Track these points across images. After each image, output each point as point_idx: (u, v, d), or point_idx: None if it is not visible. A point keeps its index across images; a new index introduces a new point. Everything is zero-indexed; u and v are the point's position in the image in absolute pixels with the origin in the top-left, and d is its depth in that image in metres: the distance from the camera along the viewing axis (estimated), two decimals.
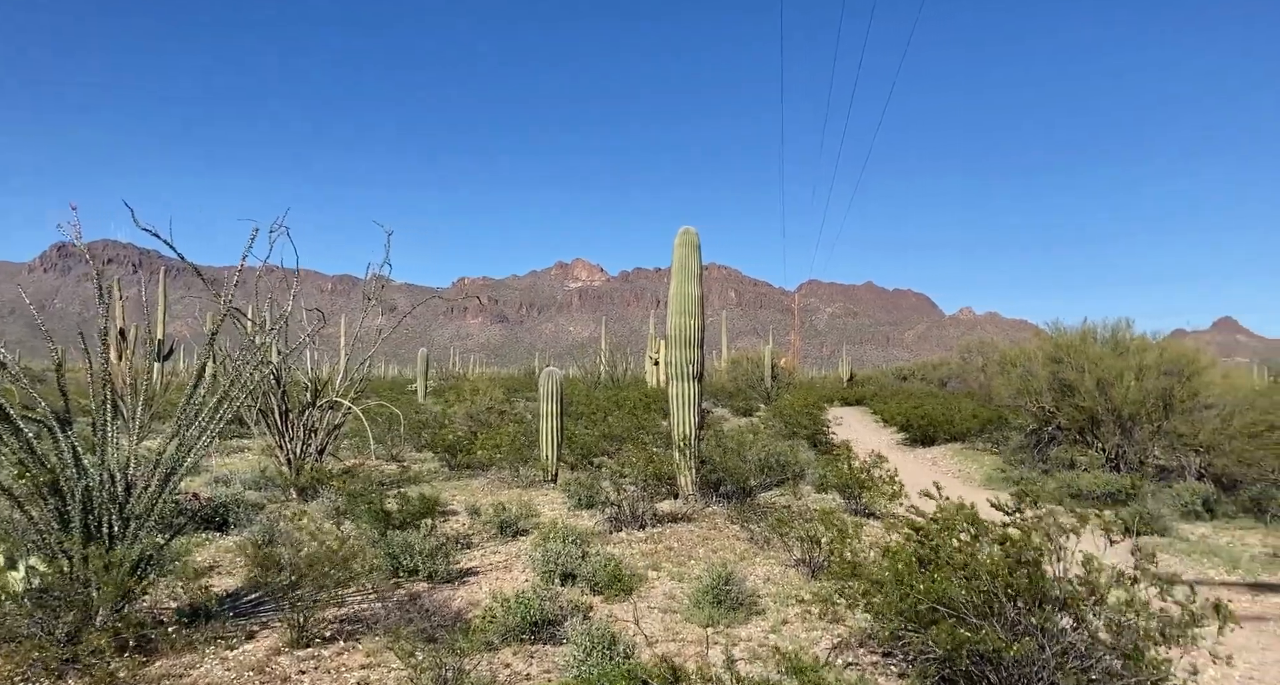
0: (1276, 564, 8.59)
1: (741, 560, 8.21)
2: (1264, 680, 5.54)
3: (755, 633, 6.14)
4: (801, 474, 11.72)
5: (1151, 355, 14.89)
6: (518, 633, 5.73)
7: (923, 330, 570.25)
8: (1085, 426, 14.62)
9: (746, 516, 9.50)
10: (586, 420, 18.45)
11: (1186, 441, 13.34)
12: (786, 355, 55.25)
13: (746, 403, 32.67)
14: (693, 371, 11.24)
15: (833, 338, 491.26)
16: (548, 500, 11.52)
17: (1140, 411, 13.98)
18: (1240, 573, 8.32)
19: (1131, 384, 14.22)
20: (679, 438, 11.01)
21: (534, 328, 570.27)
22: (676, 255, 11.57)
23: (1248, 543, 9.67)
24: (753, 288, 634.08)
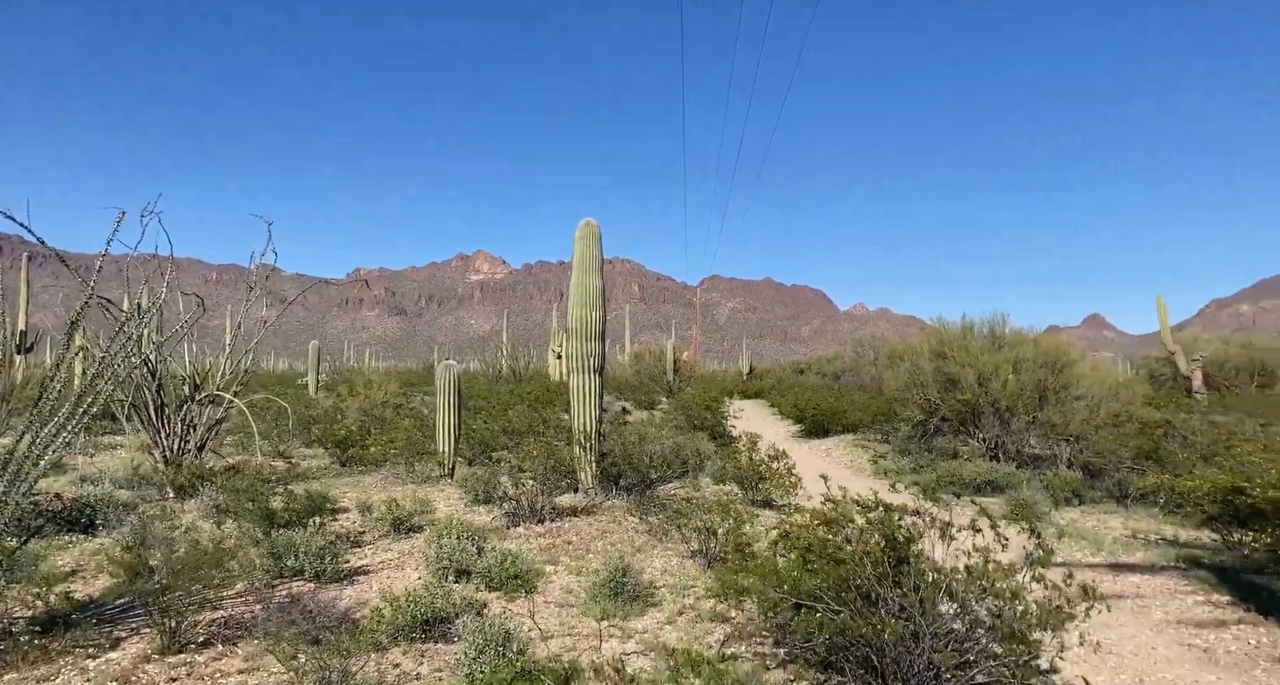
0: (1134, 545, 9.14)
1: (640, 552, 8.20)
2: (1121, 653, 5.88)
3: (651, 625, 6.13)
4: (701, 466, 11.82)
5: (1027, 349, 15.69)
6: (408, 632, 5.55)
7: (819, 325, 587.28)
8: (967, 418, 15.29)
9: (646, 509, 9.52)
10: (486, 415, 18.15)
11: (1059, 431, 14.10)
12: (688, 349, 55.91)
13: (649, 396, 32.84)
14: (594, 364, 11.18)
15: (733, 332, 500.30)
16: (444, 496, 11.26)
17: (1017, 403, 14.69)
18: (1104, 554, 8.82)
19: (1009, 377, 14.94)
20: (580, 431, 10.93)
21: (433, 321, 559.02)
22: (577, 247, 11.47)
23: (1110, 526, 10.26)
24: (655, 282, 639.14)
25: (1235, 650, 5.96)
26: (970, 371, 15.12)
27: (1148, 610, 6.93)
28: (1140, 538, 9.45)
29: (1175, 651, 6.00)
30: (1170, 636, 6.31)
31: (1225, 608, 6.82)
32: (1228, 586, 7.29)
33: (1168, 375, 32.12)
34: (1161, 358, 33.33)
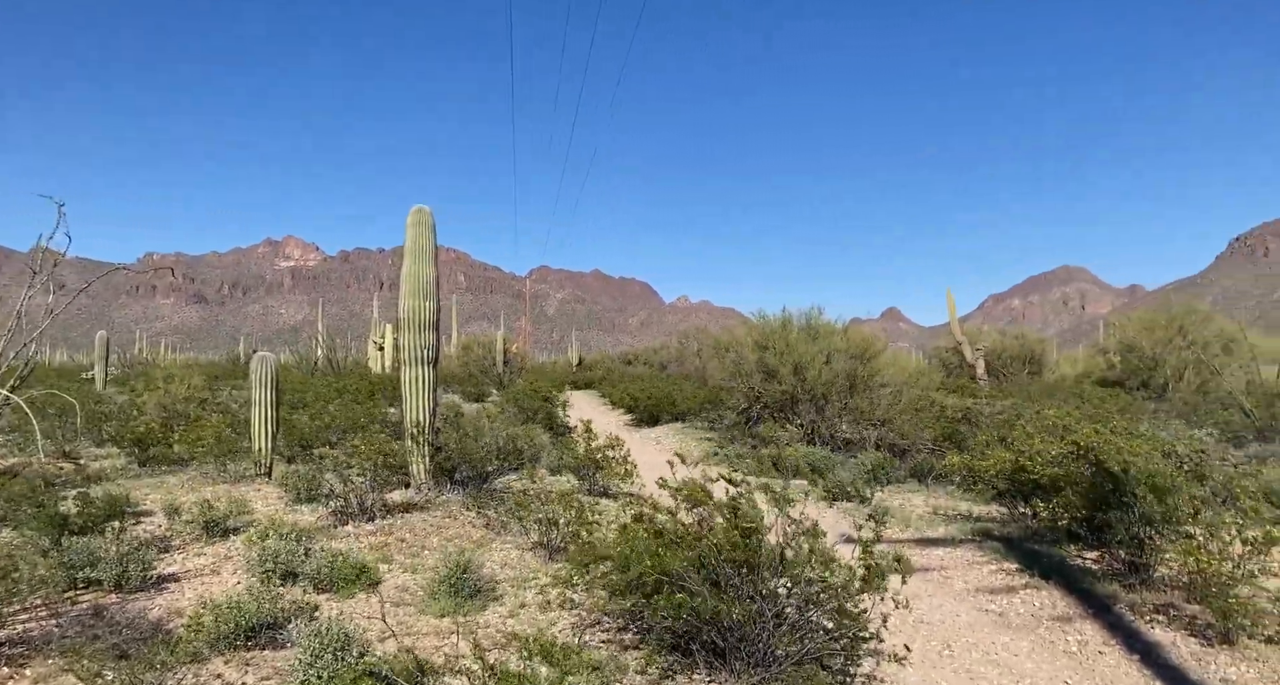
0: (936, 521, 10.00)
1: (479, 547, 8.07)
2: (931, 622, 6.43)
3: (494, 619, 6.06)
4: (538, 457, 11.76)
5: (839, 341, 16.79)
6: (231, 640, 5.17)
7: (645, 317, 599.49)
8: (786, 405, 16.15)
9: (483, 502, 9.35)
10: (306, 409, 17.18)
11: (867, 417, 15.17)
12: (518, 340, 55.43)
13: (478, 388, 32.30)
14: (428, 356, 10.84)
15: (562, 323, 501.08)
16: (262, 496, 10.56)
17: (830, 391, 15.68)
18: (911, 531, 9.59)
19: (823, 366, 15.92)
20: (412, 424, 10.57)
21: (239, 310, 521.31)
22: (409, 235, 11.07)
23: (914, 504, 11.16)
24: (483, 272, 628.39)
25: (1024, 613, 6.67)
26: (789, 361, 15.96)
27: (951, 581, 7.61)
28: (941, 514, 10.35)
29: (975, 617, 6.63)
30: (970, 604, 6.96)
31: (1014, 575, 7.60)
32: (1015, 555, 8.14)
33: (955, 364, 35.21)
34: (950, 348, 36.47)
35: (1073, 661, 5.64)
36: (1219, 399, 18.92)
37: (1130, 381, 26.38)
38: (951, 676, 5.41)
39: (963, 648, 5.93)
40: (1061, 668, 5.52)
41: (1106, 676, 5.35)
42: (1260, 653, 5.40)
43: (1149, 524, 6.54)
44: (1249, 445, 13.63)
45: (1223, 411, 16.08)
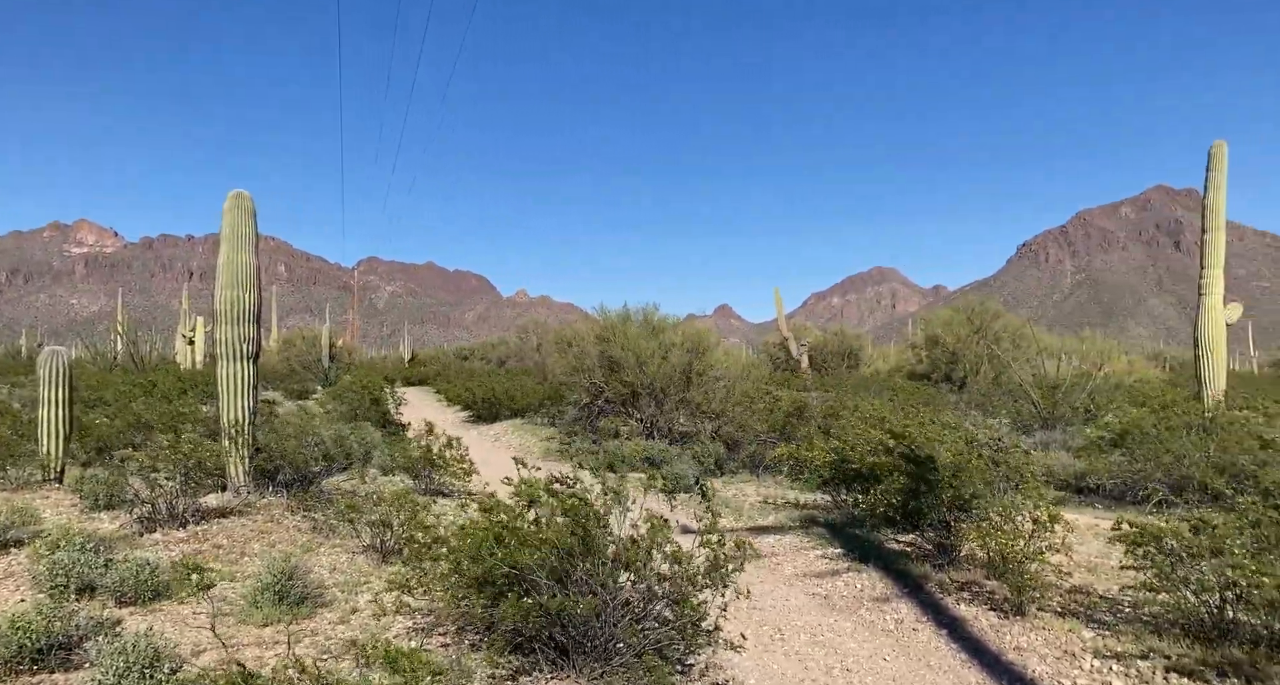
0: (767, 510, 10.45)
1: (305, 551, 7.64)
2: (763, 607, 6.71)
3: (324, 626, 5.76)
4: (369, 457, 11.29)
5: (676, 335, 17.20)
6: (14, 664, 4.62)
7: (482, 311, 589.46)
8: (628, 399, 16.37)
9: (309, 505, 8.87)
10: (104, 408, 15.65)
11: (703, 409, 15.62)
12: (345, 334, 53.05)
13: (302, 385, 30.62)
14: (247, 351, 10.12)
15: (394, 317, 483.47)
16: (51, 503, 9.51)
17: (669, 385, 16.04)
18: (744, 520, 9.97)
19: (661, 361, 16.26)
20: (230, 423, 9.84)
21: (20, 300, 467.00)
22: (227, 221, 10.29)
23: (747, 494, 11.62)
24: (306, 263, 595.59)
25: (847, 595, 7.09)
26: (631, 356, 16.18)
27: (781, 567, 7.97)
28: (771, 503, 10.83)
29: (804, 600, 6.98)
30: (799, 588, 7.32)
31: (838, 559, 8.07)
32: (839, 541, 8.64)
33: (783, 358, 36.95)
34: (777, 343, 38.24)
35: (890, 639, 6.05)
36: (1010, 390, 20.89)
37: (935, 375, 28.68)
38: (782, 660, 5.66)
39: (792, 631, 6.22)
40: (880, 646, 5.91)
41: (919, 651, 5.78)
42: (1047, 622, 6.01)
43: (954, 508, 7.12)
44: (1036, 433, 15.14)
45: (1014, 402, 17.76)
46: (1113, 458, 10.63)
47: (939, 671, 5.41)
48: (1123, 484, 10.25)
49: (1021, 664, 5.42)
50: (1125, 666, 5.14)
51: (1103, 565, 7.31)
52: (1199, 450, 9.80)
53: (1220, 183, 15.53)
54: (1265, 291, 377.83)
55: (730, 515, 10.07)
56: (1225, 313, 15.48)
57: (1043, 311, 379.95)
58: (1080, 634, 5.74)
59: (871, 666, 5.54)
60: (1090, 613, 6.17)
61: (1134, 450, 10.23)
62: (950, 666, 5.49)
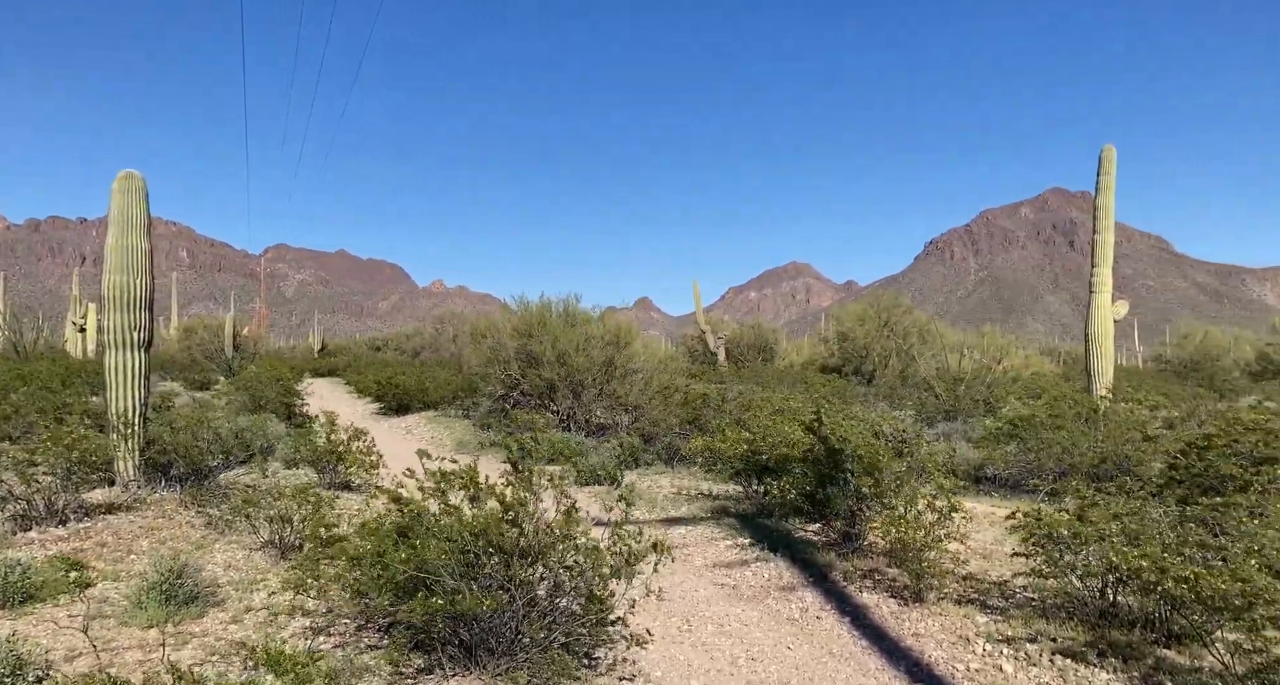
0: (680, 501, 10.51)
1: (199, 549, 7.32)
2: (673, 598, 6.73)
3: (214, 627, 5.51)
4: (271, 450, 10.88)
5: (597, 327, 17.15)
6: None
7: (396, 300, 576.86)
8: (545, 391, 16.24)
9: (204, 500, 8.50)
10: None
11: (621, 402, 15.62)
12: (252, 323, 51.20)
13: (203, 375, 29.37)
14: (138, 339, 9.61)
15: (303, 306, 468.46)
16: None
17: (588, 378, 15.98)
18: (658, 511, 10.00)
19: (581, 354, 16.19)
20: (118, 415, 9.33)
21: None
22: (115, 203, 9.74)
23: (661, 485, 11.67)
24: (209, 249, 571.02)
25: (754, 584, 7.18)
26: (550, 348, 16.05)
27: (691, 558, 8.02)
28: (684, 494, 10.90)
29: (713, 591, 7.03)
30: (709, 579, 7.37)
31: (747, 549, 8.16)
32: (749, 530, 8.75)
33: (701, 351, 37.37)
34: (695, 336, 38.65)
35: (795, 627, 6.15)
36: (916, 383, 21.60)
37: (846, 368, 29.43)
38: (690, 651, 5.68)
39: (700, 622, 6.26)
40: (785, 634, 6.00)
41: (822, 639, 5.89)
42: (943, 609, 6.22)
43: (860, 498, 7.30)
44: (939, 424, 15.68)
45: (919, 395, 18.36)
46: (1009, 448, 11.09)
47: (841, 659, 5.53)
48: (1018, 473, 10.71)
49: (919, 650, 5.58)
50: (1015, 650, 5.36)
51: (996, 552, 7.60)
52: (1088, 441, 10.31)
53: (1110, 185, 16.28)
54: (1150, 290, 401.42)
55: (644, 507, 10.09)
56: (1113, 310, 16.28)
57: (948, 307, 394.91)
58: (975, 619, 5.96)
59: (776, 655, 5.61)
60: (984, 599, 6.41)
61: (1028, 441, 10.69)
62: (852, 654, 5.61)
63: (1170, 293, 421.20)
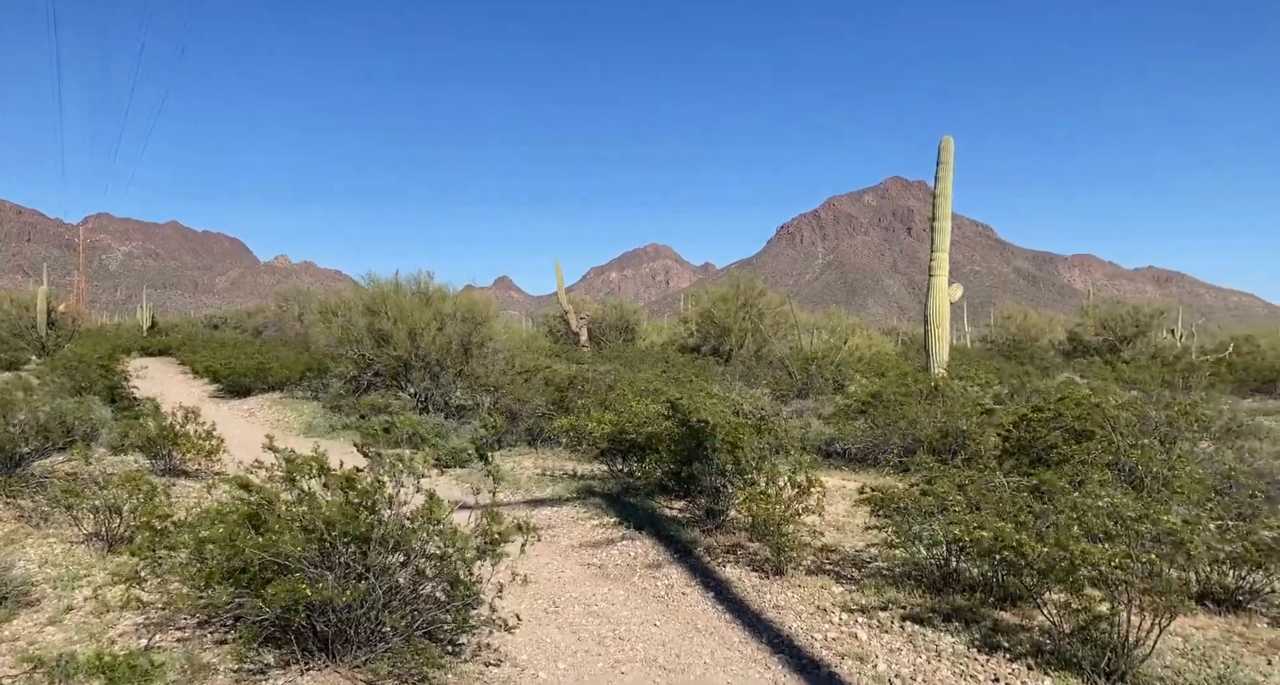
0: (545, 482, 10.42)
1: (9, 544, 6.60)
2: (539, 580, 6.65)
3: (26, 629, 4.98)
4: (95, 435, 9.94)
5: (453, 305, 16.69)
6: None
7: (236, 276, 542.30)
8: (400, 372, 15.68)
9: (15, 490, 7.69)
10: None
11: (482, 382, 15.30)
12: (69, 298, 46.82)
13: (12, 354, 26.59)
14: None
15: (130, 280, 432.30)
16: None
17: (446, 357, 15.54)
18: (522, 493, 9.87)
19: (437, 332, 15.71)
20: None
21: None
22: None
23: (525, 466, 11.53)
24: (17, 216, 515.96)
25: (621, 563, 7.22)
26: (402, 326, 15.49)
27: (557, 539, 7.97)
28: (549, 475, 10.82)
29: (579, 571, 7.01)
30: (575, 559, 7.35)
31: (612, 528, 8.19)
32: (615, 510, 8.78)
33: (563, 331, 37.15)
34: (557, 316, 38.39)
35: (661, 604, 6.22)
36: (770, 363, 22.34)
37: (705, 347, 30.06)
38: (556, 633, 5.64)
39: (567, 602, 6.23)
40: (652, 612, 6.06)
41: (687, 614, 5.99)
42: (802, 580, 6.46)
43: (724, 475, 7.45)
44: (792, 402, 16.29)
45: (774, 373, 19.00)
46: (858, 424, 11.65)
47: (705, 633, 5.63)
48: (866, 448, 11.28)
49: (779, 621, 5.76)
50: (869, 618, 5.63)
51: (849, 524, 7.96)
52: (928, 416, 10.97)
53: (948, 174, 17.26)
54: (977, 274, 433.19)
55: (508, 488, 9.92)
56: (949, 292, 17.36)
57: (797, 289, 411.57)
58: (831, 590, 6.22)
59: (643, 633, 5.65)
60: (839, 570, 6.71)
61: (876, 417, 11.27)
62: (716, 628, 5.73)
63: (993, 277, 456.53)
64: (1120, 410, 8.98)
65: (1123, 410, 9.03)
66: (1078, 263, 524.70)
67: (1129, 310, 36.03)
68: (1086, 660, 4.60)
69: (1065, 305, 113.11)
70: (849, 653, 5.16)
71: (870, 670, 4.92)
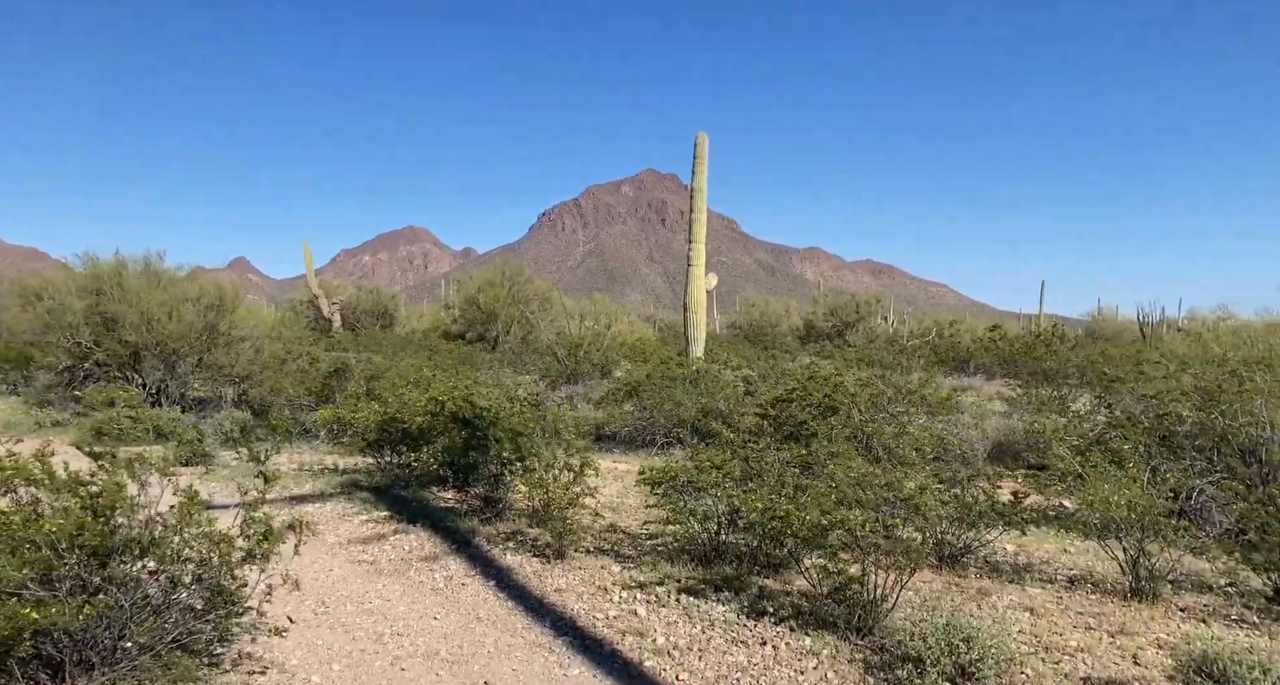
0: (304, 477, 9.78)
1: None
2: (304, 581, 6.22)
3: None
4: None
5: (192, 288, 15.13)
6: None
7: None
8: (128, 362, 13.94)
9: None
10: None
11: (225, 373, 14.03)
12: None
13: None
14: None
15: None
16: None
17: (183, 345, 14.06)
18: (278, 489, 9.18)
19: (172, 318, 14.16)
20: None
21: None
22: None
23: (279, 461, 10.71)
24: None
25: (395, 557, 6.95)
26: (134, 311, 13.78)
27: (323, 536, 7.51)
28: (309, 469, 10.16)
29: (349, 569, 6.67)
30: (343, 557, 6.97)
31: (384, 522, 7.87)
32: (385, 503, 8.43)
33: (313, 317, 34.95)
34: (306, 301, 36.02)
35: (440, 597, 6.07)
36: (538, 349, 22.43)
37: (470, 334, 29.59)
38: (328, 634, 5.35)
39: (338, 602, 5.92)
40: (430, 605, 5.90)
41: (468, 605, 5.90)
42: (583, 563, 6.59)
43: (503, 462, 7.39)
44: (562, 387, 16.49)
45: (542, 360, 19.11)
46: (626, 408, 12.04)
47: (487, 623, 5.58)
48: (635, 430, 11.69)
49: (562, 604, 5.84)
50: (647, 594, 5.87)
51: (624, 504, 8.22)
52: (691, 398, 11.58)
53: (703, 169, 18.18)
54: (724, 265, 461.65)
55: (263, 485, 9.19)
56: (705, 281, 18.36)
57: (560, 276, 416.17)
58: (610, 570, 6.40)
59: (422, 627, 5.50)
60: (618, 549, 6.92)
61: (644, 400, 11.70)
62: (498, 616, 5.70)
63: (738, 267, 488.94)
64: (861, 388, 10.01)
65: (863, 388, 10.07)
66: (808, 255, 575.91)
67: (851, 299, 40.19)
68: (841, 618, 5.11)
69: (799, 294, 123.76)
70: (630, 629, 5.34)
71: (650, 644, 5.12)
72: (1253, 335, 11.51)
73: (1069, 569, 6.67)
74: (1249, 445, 7.28)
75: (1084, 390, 13.34)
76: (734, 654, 4.99)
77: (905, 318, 43.90)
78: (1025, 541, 7.25)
